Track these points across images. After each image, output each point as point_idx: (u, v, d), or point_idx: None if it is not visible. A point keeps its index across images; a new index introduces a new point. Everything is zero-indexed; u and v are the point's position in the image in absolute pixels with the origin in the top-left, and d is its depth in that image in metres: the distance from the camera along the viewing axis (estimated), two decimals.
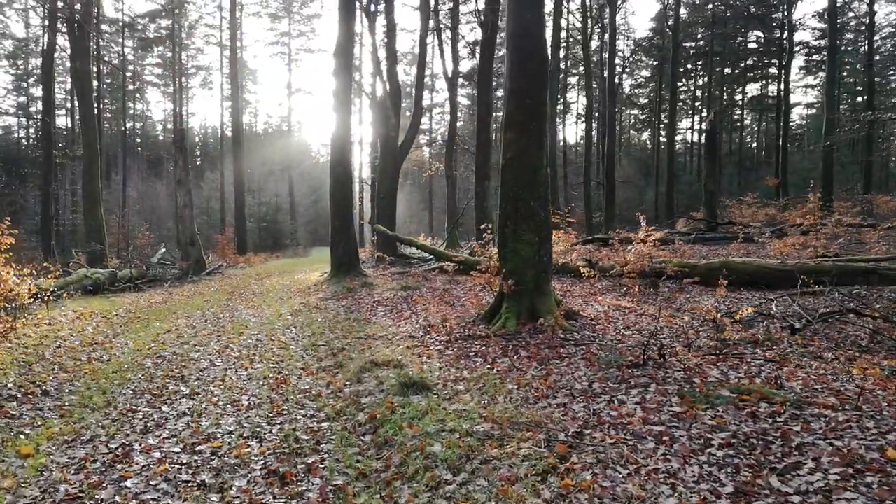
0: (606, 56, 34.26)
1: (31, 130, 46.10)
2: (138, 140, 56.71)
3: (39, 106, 32.91)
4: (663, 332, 7.00)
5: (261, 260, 29.31)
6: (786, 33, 36.96)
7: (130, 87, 47.92)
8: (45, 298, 9.78)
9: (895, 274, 9.11)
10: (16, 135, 48.48)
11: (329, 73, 15.76)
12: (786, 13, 36.60)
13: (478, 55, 36.96)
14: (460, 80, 42.70)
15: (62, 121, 43.02)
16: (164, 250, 23.60)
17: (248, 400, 5.27)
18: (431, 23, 28.11)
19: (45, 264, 12.51)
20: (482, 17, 23.31)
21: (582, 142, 44.69)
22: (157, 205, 43.52)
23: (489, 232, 12.51)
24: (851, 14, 35.91)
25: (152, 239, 27.26)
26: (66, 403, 5.14)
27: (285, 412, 4.92)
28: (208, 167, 53.90)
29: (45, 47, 26.39)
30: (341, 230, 15.93)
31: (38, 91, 38.23)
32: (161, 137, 57.83)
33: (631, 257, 11.28)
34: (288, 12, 47.80)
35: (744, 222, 21.04)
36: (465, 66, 44.03)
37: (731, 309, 7.98)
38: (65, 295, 12.53)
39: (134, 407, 5.08)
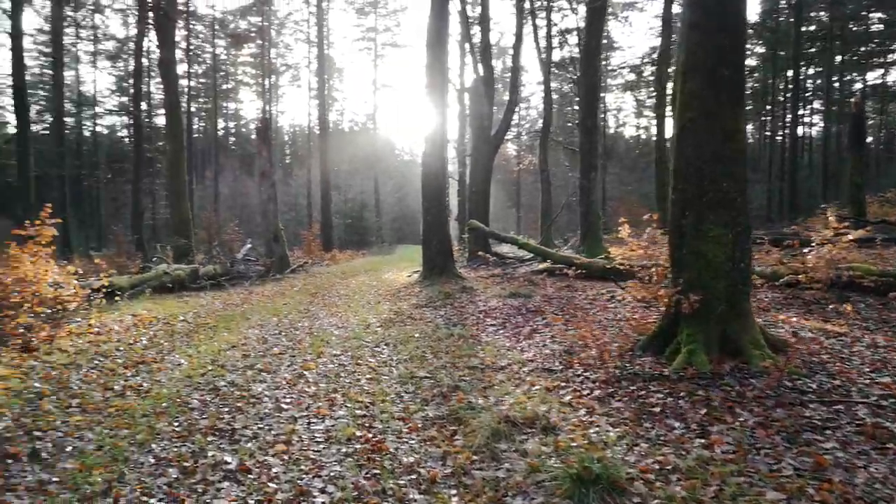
0: None
1: (133, 129, 47.41)
2: (232, 139, 57.54)
3: (142, 105, 33.26)
4: None
5: (346, 257, 28.06)
6: None
7: (224, 87, 48.42)
8: (97, 301, 8.36)
9: None
10: (119, 133, 49.93)
11: (415, 66, 13.97)
12: None
13: (569, 44, 34.57)
14: (553, 70, 40.30)
15: (161, 120, 43.88)
16: (249, 246, 22.57)
17: (321, 490, 3.33)
18: (527, 3, 26.04)
19: (96, 261, 11.32)
20: None
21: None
22: (246, 202, 43.53)
23: (655, 224, 8.10)
24: None
25: (241, 235, 26.49)
26: (51, 481, 3.38)
27: None
28: (296, 165, 53.91)
29: (136, 40, 26.25)
30: (434, 227, 14.07)
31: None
32: (253, 136, 58.41)
33: (815, 261, 8.68)
34: (374, 7, 46.81)
35: None
36: (556, 55, 41.42)
37: None
38: (147, 292, 11.40)
39: (142, 500, 3.26)
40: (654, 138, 27.73)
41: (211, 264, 16.81)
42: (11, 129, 34.94)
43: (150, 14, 20.42)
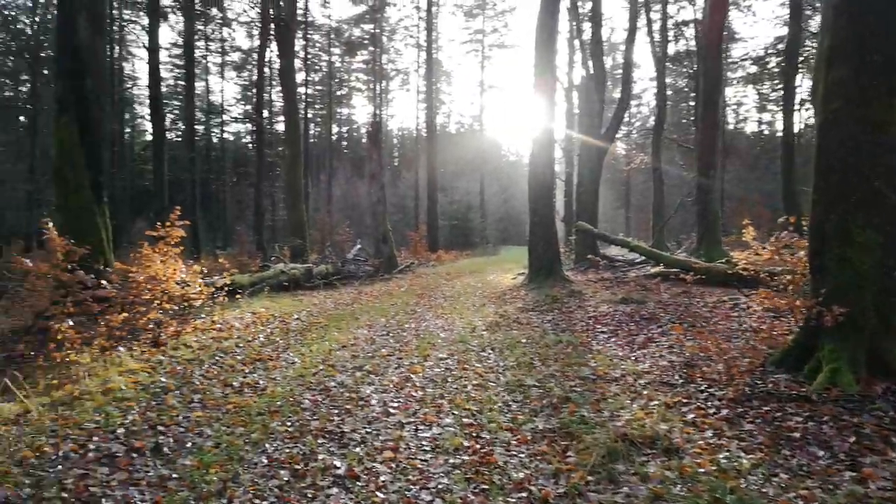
0: None
1: (255, 135, 50.47)
2: (345, 143, 59.79)
3: (264, 113, 35.48)
4: None
5: (451, 258, 28.29)
6: None
7: (338, 93, 50.45)
8: (220, 299, 8.84)
9: None
10: (244, 139, 53.35)
11: (522, 66, 13.92)
12: None
13: (685, 37, 32.86)
14: (667, 65, 38.52)
15: (281, 126, 46.47)
16: (359, 246, 23.27)
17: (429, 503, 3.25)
18: None
19: (220, 260, 11.95)
20: None
21: None
22: (357, 203, 45.04)
23: (791, 226, 6.93)
24: None
25: (351, 235, 27.45)
26: (171, 477, 3.52)
27: None
28: (404, 167, 55.09)
29: (259, 50, 27.96)
30: (541, 228, 13.80)
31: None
32: (364, 140, 60.35)
33: None
34: (482, 9, 46.91)
35: None
36: (670, 49, 39.62)
37: None
38: (266, 290, 11.97)
39: (254, 502, 3.30)
40: (780, 134, 25.76)
41: (323, 264, 17.42)
42: (148, 137, 38.39)
43: (272, 25, 21.61)
